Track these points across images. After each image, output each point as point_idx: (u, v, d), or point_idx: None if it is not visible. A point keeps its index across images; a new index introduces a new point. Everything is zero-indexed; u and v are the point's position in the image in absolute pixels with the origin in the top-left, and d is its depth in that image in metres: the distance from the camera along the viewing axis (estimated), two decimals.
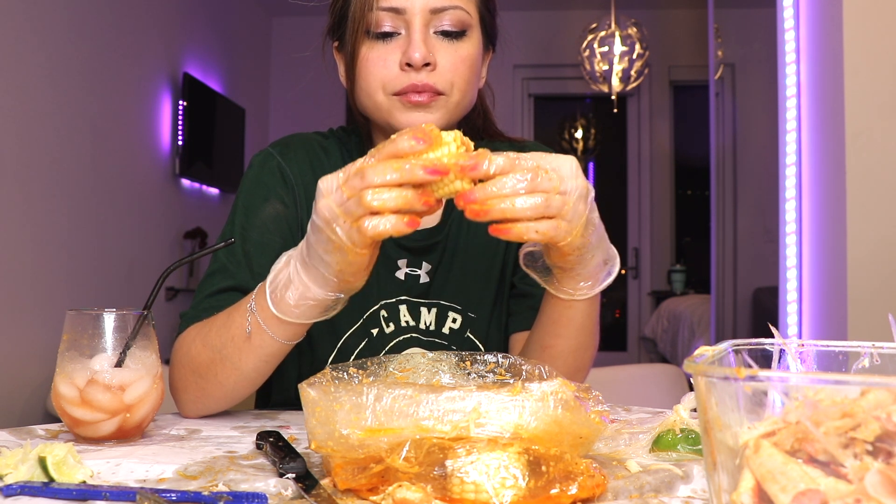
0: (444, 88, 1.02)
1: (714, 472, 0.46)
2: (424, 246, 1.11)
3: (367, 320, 1.08)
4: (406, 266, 1.10)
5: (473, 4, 1.05)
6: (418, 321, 1.10)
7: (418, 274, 1.11)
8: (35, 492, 0.63)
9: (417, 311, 1.10)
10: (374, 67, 1.01)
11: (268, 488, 0.66)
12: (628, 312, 5.92)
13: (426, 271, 1.11)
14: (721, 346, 0.55)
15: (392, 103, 1.02)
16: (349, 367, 0.77)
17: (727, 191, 5.20)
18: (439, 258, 1.12)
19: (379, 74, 1.01)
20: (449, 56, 1.02)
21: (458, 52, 1.02)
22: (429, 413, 0.63)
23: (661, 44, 5.49)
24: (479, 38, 1.06)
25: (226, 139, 4.73)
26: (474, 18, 1.05)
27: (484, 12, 1.07)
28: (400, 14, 1.00)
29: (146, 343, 0.88)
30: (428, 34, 1.01)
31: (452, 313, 1.12)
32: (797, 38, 2.44)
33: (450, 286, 1.12)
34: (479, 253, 1.14)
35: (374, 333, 1.08)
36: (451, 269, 1.13)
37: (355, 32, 1.02)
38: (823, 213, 2.32)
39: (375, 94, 1.03)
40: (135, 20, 3.70)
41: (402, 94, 1.01)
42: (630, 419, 0.95)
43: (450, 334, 1.11)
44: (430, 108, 1.01)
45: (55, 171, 3.06)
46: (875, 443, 0.40)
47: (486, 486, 0.59)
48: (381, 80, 1.01)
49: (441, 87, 1.01)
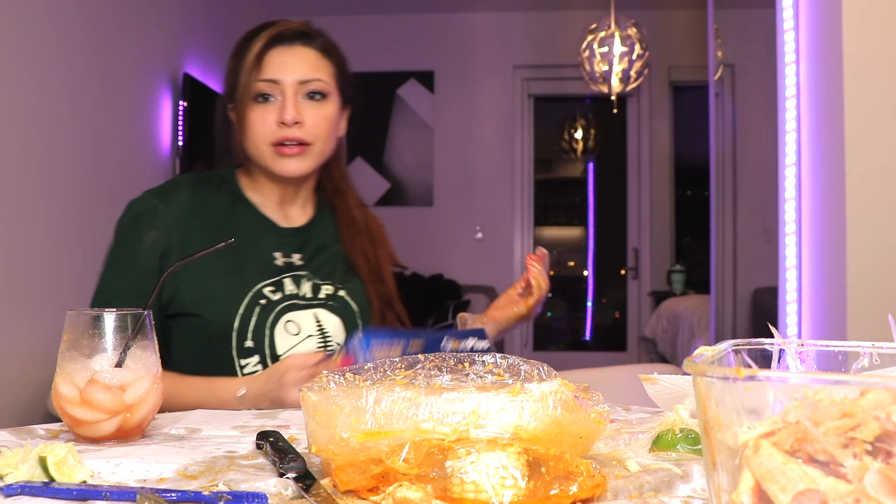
0: (311, 139, 1.34)
1: (714, 472, 0.46)
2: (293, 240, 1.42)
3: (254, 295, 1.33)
4: (282, 257, 1.39)
5: (332, 76, 1.38)
6: (298, 291, 1.37)
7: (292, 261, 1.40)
8: (35, 492, 0.63)
9: (298, 282, 1.38)
10: (257, 124, 1.34)
11: (268, 488, 0.66)
12: (628, 313, 5.92)
13: (298, 258, 1.41)
14: (721, 346, 0.55)
15: (271, 152, 1.34)
16: (347, 370, 0.77)
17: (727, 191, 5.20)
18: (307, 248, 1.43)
19: (260, 129, 1.33)
20: (314, 115, 1.35)
21: (320, 112, 1.36)
22: (428, 415, 0.63)
23: (660, 44, 5.49)
24: (337, 100, 1.39)
25: (226, 139, 4.73)
26: (332, 86, 1.38)
27: (340, 82, 1.40)
28: (276, 84, 1.33)
29: (146, 343, 0.88)
30: (297, 99, 1.33)
31: (325, 286, 1.41)
32: (797, 39, 2.44)
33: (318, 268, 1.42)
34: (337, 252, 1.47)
35: (263, 303, 1.33)
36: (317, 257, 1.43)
37: (245, 97, 1.33)
38: (823, 214, 2.32)
39: (259, 145, 1.34)
40: (135, 20, 3.70)
41: (278, 144, 1.33)
42: (630, 419, 0.95)
43: (326, 297, 1.39)
44: (300, 157, 1.34)
45: (55, 172, 3.06)
46: (874, 443, 0.40)
47: (485, 486, 0.59)
48: (262, 133, 1.33)
49: (308, 138, 1.34)
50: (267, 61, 1.33)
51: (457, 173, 5.74)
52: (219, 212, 1.38)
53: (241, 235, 1.35)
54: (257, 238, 1.38)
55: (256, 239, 1.38)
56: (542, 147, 6.17)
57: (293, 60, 1.34)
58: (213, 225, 1.35)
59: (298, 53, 1.36)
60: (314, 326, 1.36)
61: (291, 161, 1.34)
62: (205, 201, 1.38)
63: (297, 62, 1.35)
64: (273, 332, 1.32)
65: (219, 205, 1.39)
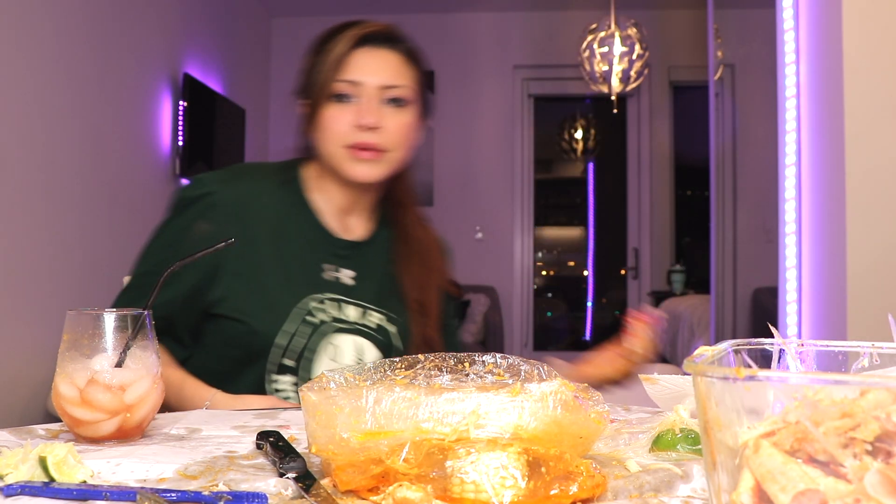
0: (388, 146, 1.28)
1: (714, 472, 0.46)
2: (348, 255, 1.35)
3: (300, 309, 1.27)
4: (332, 271, 1.33)
5: (415, 82, 1.33)
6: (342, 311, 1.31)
7: (341, 276, 1.34)
8: (35, 492, 0.63)
9: (340, 306, 1.32)
10: (333, 123, 1.27)
11: (268, 488, 0.66)
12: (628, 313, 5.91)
13: (350, 276, 1.35)
14: (721, 346, 0.55)
15: (344, 154, 1.28)
16: (346, 371, 0.77)
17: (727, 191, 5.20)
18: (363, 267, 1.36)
19: (336, 129, 1.27)
20: (393, 121, 1.29)
21: (400, 119, 1.30)
22: (428, 415, 0.63)
23: (660, 44, 5.49)
24: (417, 108, 1.34)
25: (226, 139, 4.73)
26: (414, 93, 1.32)
27: (422, 89, 1.35)
28: (357, 86, 1.27)
29: (146, 343, 0.88)
30: (377, 104, 1.28)
31: (374, 313, 1.34)
32: (797, 39, 2.44)
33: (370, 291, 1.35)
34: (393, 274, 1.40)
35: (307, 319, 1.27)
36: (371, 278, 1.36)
37: (323, 94, 1.27)
38: (823, 214, 2.32)
39: (331, 145, 1.28)
40: (135, 20, 3.70)
41: (353, 147, 1.27)
42: (630, 419, 0.95)
43: (374, 327, 1.33)
44: (374, 163, 1.28)
45: (55, 172, 3.06)
46: (874, 443, 0.40)
47: (485, 486, 0.59)
48: (338, 134, 1.27)
49: (385, 145, 1.28)
50: (350, 62, 1.28)
51: (457, 173, 5.74)
52: (280, 211, 1.31)
53: (295, 241, 1.31)
54: (309, 246, 1.32)
55: (308, 247, 1.32)
56: (542, 147, 6.18)
57: (378, 63, 1.29)
58: (269, 224, 1.29)
59: (383, 57, 1.30)
60: (353, 356, 1.30)
61: (364, 166, 1.28)
62: (265, 196, 1.31)
63: (380, 66, 1.29)
64: (315, 354, 1.27)
65: (279, 203, 1.32)
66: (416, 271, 1.40)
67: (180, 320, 1.26)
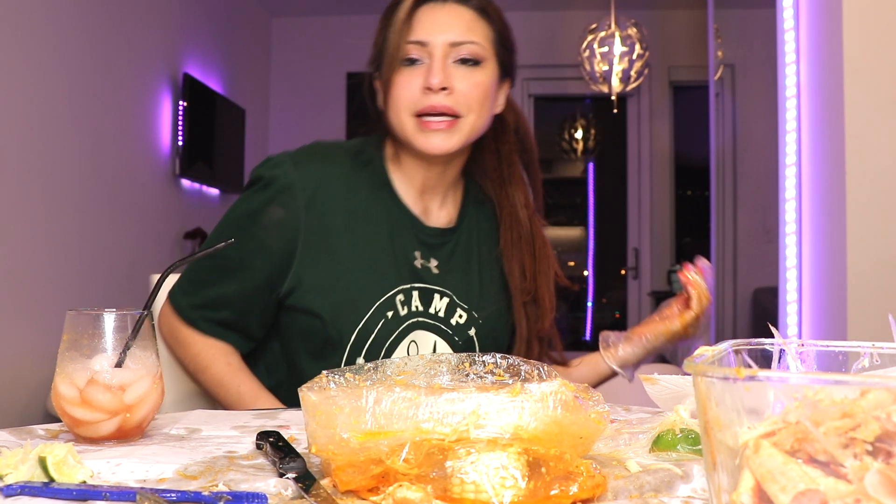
0: (461, 110, 1.17)
1: (714, 472, 0.46)
2: (436, 243, 1.26)
3: (383, 303, 1.19)
4: (420, 258, 1.24)
5: (489, 40, 1.21)
6: (429, 307, 1.23)
7: (430, 266, 1.24)
8: (35, 492, 0.63)
9: (430, 297, 1.23)
10: (401, 89, 1.17)
11: (268, 488, 0.66)
12: (628, 313, 5.92)
13: (435, 265, 1.25)
14: (721, 346, 0.54)
15: (414, 125, 1.17)
16: (346, 371, 0.77)
17: (727, 191, 5.20)
18: (448, 256, 1.26)
19: (404, 95, 1.17)
20: (465, 82, 1.17)
21: (472, 79, 1.18)
22: (428, 415, 0.63)
23: (660, 44, 5.49)
24: (493, 68, 1.21)
25: (226, 139, 4.73)
26: (489, 52, 1.20)
27: (499, 48, 1.23)
28: (424, 46, 1.17)
29: (146, 343, 0.88)
30: (447, 63, 1.17)
31: (460, 309, 1.25)
32: (797, 39, 2.44)
33: (457, 283, 1.26)
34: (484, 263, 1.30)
35: (390, 316, 1.19)
36: (458, 269, 1.27)
37: (391, 61, 1.17)
38: (823, 214, 2.32)
39: (401, 113, 1.18)
40: (135, 20, 3.70)
41: (423, 114, 1.16)
42: (630, 419, 0.95)
43: (455, 326, 1.24)
44: (447, 133, 1.17)
45: (55, 172, 3.06)
46: (875, 443, 0.40)
47: (485, 486, 0.59)
48: (406, 101, 1.17)
49: (458, 108, 1.17)
50: (416, 20, 1.17)
51: None
52: (361, 195, 1.21)
53: (382, 227, 1.21)
54: (398, 232, 1.22)
55: (397, 233, 1.22)
56: (542, 147, 6.15)
57: (445, 20, 1.18)
58: (353, 209, 1.20)
59: (451, 12, 1.19)
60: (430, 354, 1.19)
61: (437, 137, 1.16)
62: (345, 179, 1.21)
63: (449, 21, 1.18)
64: (393, 351, 1.18)
65: (362, 187, 1.22)
66: (525, 258, 1.29)
67: (253, 312, 1.20)
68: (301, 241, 1.17)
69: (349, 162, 1.23)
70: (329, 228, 1.18)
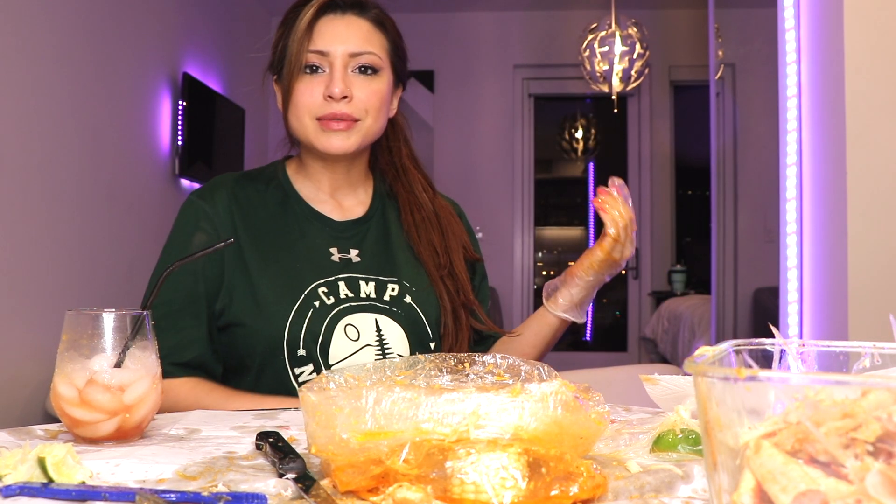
0: (360, 115, 1.25)
1: (714, 473, 0.45)
2: (350, 234, 1.33)
3: (306, 297, 1.24)
4: (338, 252, 1.31)
5: (385, 50, 1.30)
6: (358, 293, 1.28)
7: (350, 257, 1.31)
8: (34, 492, 0.63)
9: (356, 284, 1.29)
10: (303, 96, 1.25)
11: (267, 489, 0.66)
12: (629, 313, 5.92)
13: (356, 254, 1.32)
14: (721, 346, 0.54)
15: (315, 127, 1.25)
16: (346, 371, 0.77)
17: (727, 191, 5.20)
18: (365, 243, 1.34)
19: (306, 101, 1.25)
20: (363, 90, 1.26)
21: (370, 87, 1.26)
22: (428, 415, 0.63)
23: (661, 44, 5.49)
24: (389, 76, 1.30)
25: (226, 139, 4.73)
26: (385, 61, 1.29)
27: (394, 57, 1.32)
28: (325, 56, 1.25)
29: (145, 343, 0.88)
30: (346, 72, 1.25)
31: (390, 284, 1.31)
32: (798, 38, 2.44)
33: (381, 265, 1.32)
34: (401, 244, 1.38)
35: (317, 305, 1.24)
36: (379, 252, 1.34)
37: (291, 68, 1.25)
38: (824, 214, 2.32)
39: (303, 118, 1.26)
40: (134, 20, 3.70)
41: (323, 119, 1.24)
42: (630, 419, 0.95)
43: (390, 300, 1.29)
44: (346, 133, 1.25)
45: (54, 171, 3.06)
46: (876, 443, 0.40)
47: (486, 486, 0.59)
48: (308, 106, 1.25)
49: (357, 114, 1.25)
50: (317, 30, 1.25)
51: (457, 173, 5.74)
52: (267, 210, 1.30)
53: (293, 233, 1.29)
54: (310, 234, 1.30)
55: (309, 235, 1.30)
56: (542, 147, 6.18)
57: (344, 31, 1.25)
58: (260, 225, 1.29)
59: (350, 23, 1.26)
60: (373, 335, 1.25)
61: (336, 137, 1.25)
62: (250, 200, 1.30)
63: (348, 33, 1.25)
64: (329, 337, 1.22)
65: (267, 203, 1.31)
66: (433, 236, 1.37)
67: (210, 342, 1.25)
68: (224, 261, 1.25)
69: (251, 184, 1.33)
70: (243, 245, 1.26)
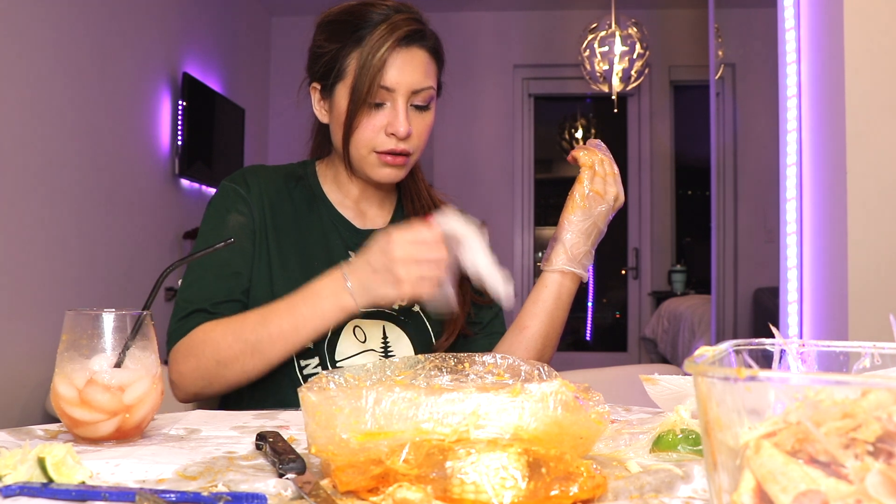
0: (414, 149, 1.27)
1: (714, 473, 0.45)
2: None
3: None
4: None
5: (436, 80, 1.29)
6: None
7: None
8: (34, 492, 0.63)
9: None
10: (367, 131, 1.24)
11: (267, 489, 0.66)
12: (628, 313, 5.92)
13: None
14: (721, 346, 0.54)
15: (374, 160, 1.26)
16: (346, 371, 0.77)
17: (727, 191, 5.20)
18: None
19: (368, 136, 1.24)
20: (419, 125, 1.26)
21: (425, 121, 1.28)
22: (428, 416, 0.63)
23: (661, 44, 5.49)
24: (434, 104, 1.30)
25: (225, 139, 4.73)
26: (435, 91, 1.29)
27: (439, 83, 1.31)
28: (390, 92, 1.23)
29: (145, 343, 0.88)
30: (407, 109, 1.24)
31: None
32: (798, 38, 2.44)
33: None
34: None
35: None
36: None
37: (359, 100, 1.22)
38: (824, 214, 2.32)
39: (362, 149, 1.25)
40: (134, 20, 3.70)
41: (382, 154, 1.25)
42: (630, 419, 0.95)
43: (398, 309, 1.31)
44: (401, 168, 1.27)
45: (54, 171, 3.06)
46: (876, 443, 0.40)
47: (486, 486, 0.59)
48: (369, 141, 1.24)
49: (412, 149, 1.27)
50: (389, 64, 1.21)
51: (457, 173, 5.74)
52: (293, 207, 1.33)
53: (315, 233, 1.32)
54: (332, 238, 1.33)
55: (331, 239, 1.33)
56: (542, 147, 6.17)
57: (410, 66, 1.23)
58: (286, 219, 1.31)
59: (414, 57, 1.24)
60: (379, 341, 1.28)
61: (392, 170, 1.27)
62: (279, 193, 1.32)
63: (412, 68, 1.23)
64: (338, 335, 1.24)
65: (294, 200, 1.33)
66: None
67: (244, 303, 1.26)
68: (256, 243, 1.27)
69: (282, 180, 1.34)
70: (270, 235, 1.28)
